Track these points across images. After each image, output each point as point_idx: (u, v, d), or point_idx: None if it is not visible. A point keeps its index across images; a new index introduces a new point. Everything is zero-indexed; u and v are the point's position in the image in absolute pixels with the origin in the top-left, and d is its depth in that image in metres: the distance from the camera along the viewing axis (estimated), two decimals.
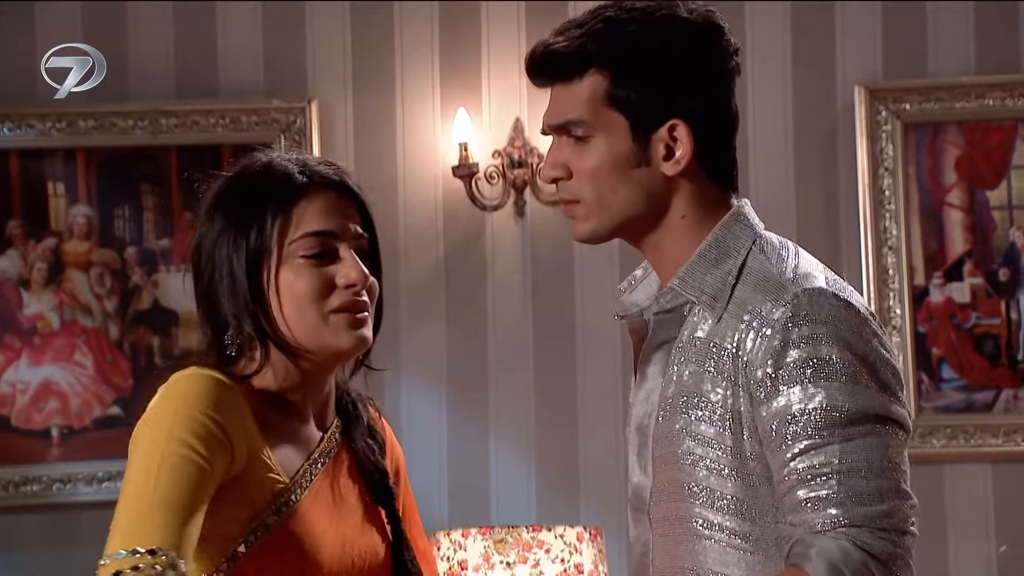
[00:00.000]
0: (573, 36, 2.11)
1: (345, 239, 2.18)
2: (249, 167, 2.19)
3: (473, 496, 4.77)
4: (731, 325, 2.05)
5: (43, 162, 4.76)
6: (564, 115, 2.12)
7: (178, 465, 2.02)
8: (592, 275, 4.77)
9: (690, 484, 2.06)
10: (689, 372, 2.07)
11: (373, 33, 4.83)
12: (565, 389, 4.78)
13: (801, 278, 2.06)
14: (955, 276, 4.78)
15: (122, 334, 4.73)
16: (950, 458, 4.74)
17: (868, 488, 1.97)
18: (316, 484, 2.17)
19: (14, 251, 4.74)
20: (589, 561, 4.11)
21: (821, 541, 1.95)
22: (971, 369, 4.77)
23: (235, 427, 2.08)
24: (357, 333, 2.17)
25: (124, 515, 2.00)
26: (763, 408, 2.01)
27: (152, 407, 2.09)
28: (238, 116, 4.77)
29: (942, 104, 4.77)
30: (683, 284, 2.10)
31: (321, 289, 2.15)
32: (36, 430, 4.72)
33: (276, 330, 2.14)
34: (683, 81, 2.10)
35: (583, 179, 2.11)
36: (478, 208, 4.76)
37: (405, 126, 4.81)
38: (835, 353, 1.99)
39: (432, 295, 4.79)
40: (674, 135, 2.09)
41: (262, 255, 2.14)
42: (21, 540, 4.65)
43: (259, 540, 2.10)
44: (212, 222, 2.16)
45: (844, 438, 1.98)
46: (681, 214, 2.11)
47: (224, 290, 2.14)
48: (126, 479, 2.05)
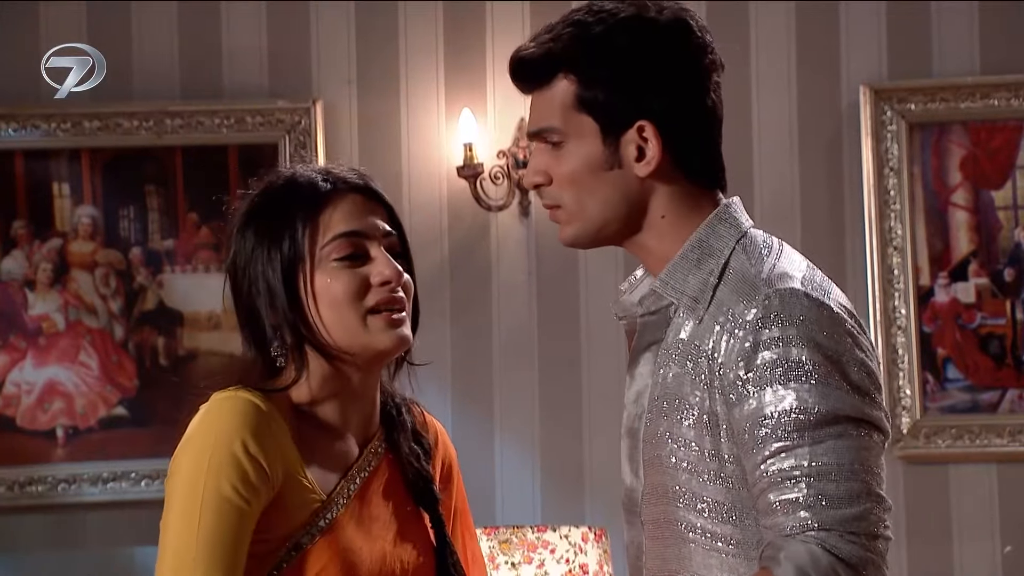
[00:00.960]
0: (542, 41, 2.12)
1: (375, 238, 2.20)
2: (273, 182, 2.22)
3: (478, 496, 4.74)
4: (709, 327, 2.05)
5: (48, 163, 4.77)
6: (538, 122, 2.13)
7: (219, 509, 2.05)
8: (596, 275, 4.77)
9: (674, 487, 2.06)
10: (673, 374, 2.08)
11: (378, 34, 4.83)
12: (570, 389, 4.79)
13: (776, 278, 2.04)
14: (960, 276, 4.78)
15: (127, 334, 4.73)
16: (955, 458, 4.73)
17: (838, 491, 1.95)
18: (353, 500, 2.18)
19: (19, 252, 4.75)
20: (594, 561, 4.12)
21: (790, 545, 1.94)
22: (976, 369, 4.77)
23: (272, 453, 2.10)
24: (397, 332, 2.18)
25: (167, 562, 2.05)
26: (736, 410, 2.00)
27: (191, 433, 2.11)
28: (243, 117, 4.78)
29: (947, 104, 4.77)
30: (664, 286, 2.10)
31: (357, 290, 2.16)
32: (41, 430, 4.72)
33: (317, 336, 2.15)
34: (651, 81, 2.09)
35: (562, 184, 2.12)
36: (483, 208, 4.77)
37: (410, 126, 4.81)
38: (805, 354, 1.98)
39: (437, 295, 4.78)
40: (643, 136, 2.09)
41: (296, 264, 2.16)
42: (26, 540, 4.65)
43: (294, 559, 2.11)
44: (244, 240, 2.19)
45: (814, 440, 1.96)
46: (660, 214, 2.11)
47: (263, 303, 2.16)
48: (167, 515, 2.08)
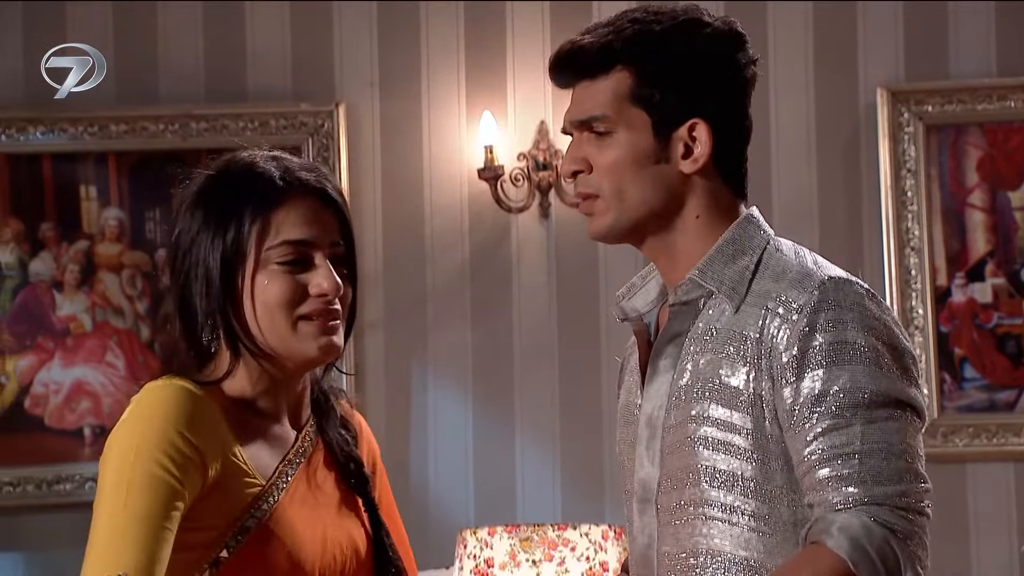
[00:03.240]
0: (601, 34, 2.17)
1: (321, 247, 2.17)
2: (231, 167, 2.19)
3: (499, 495, 4.79)
4: (752, 314, 2.10)
5: (75, 166, 4.80)
6: (588, 111, 2.17)
7: (148, 484, 2.03)
8: (616, 276, 4.77)
9: (706, 468, 2.10)
10: (705, 360, 2.12)
11: (400, 37, 4.85)
12: (589, 389, 4.80)
13: (824, 268, 2.13)
14: (977, 276, 4.79)
15: (153, 335, 4.76)
16: (972, 457, 4.74)
17: (887, 468, 2.01)
18: (293, 484, 2.17)
19: (47, 253, 4.78)
20: (614, 559, 4.11)
21: (842, 518, 2.00)
22: (993, 369, 4.77)
23: (207, 439, 2.09)
24: (327, 340, 2.15)
25: (97, 539, 2.03)
26: (787, 390, 2.06)
27: (123, 420, 2.10)
28: (267, 120, 4.81)
29: (964, 106, 4.78)
30: (702, 275, 2.14)
31: (293, 296, 2.14)
32: (69, 430, 4.76)
33: (247, 333, 2.15)
34: (705, 84, 2.15)
35: (603, 173, 2.16)
36: (503, 210, 4.79)
37: (431, 129, 4.83)
38: (860, 338, 2.05)
39: (458, 296, 4.81)
40: (693, 134, 2.15)
41: (238, 258, 2.14)
42: (54, 538, 4.70)
43: (240, 544, 2.11)
44: (192, 219, 2.17)
45: (866, 420, 2.03)
46: (695, 214, 2.17)
47: (198, 289, 2.15)
48: (98, 497, 2.06)
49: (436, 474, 4.80)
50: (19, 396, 4.75)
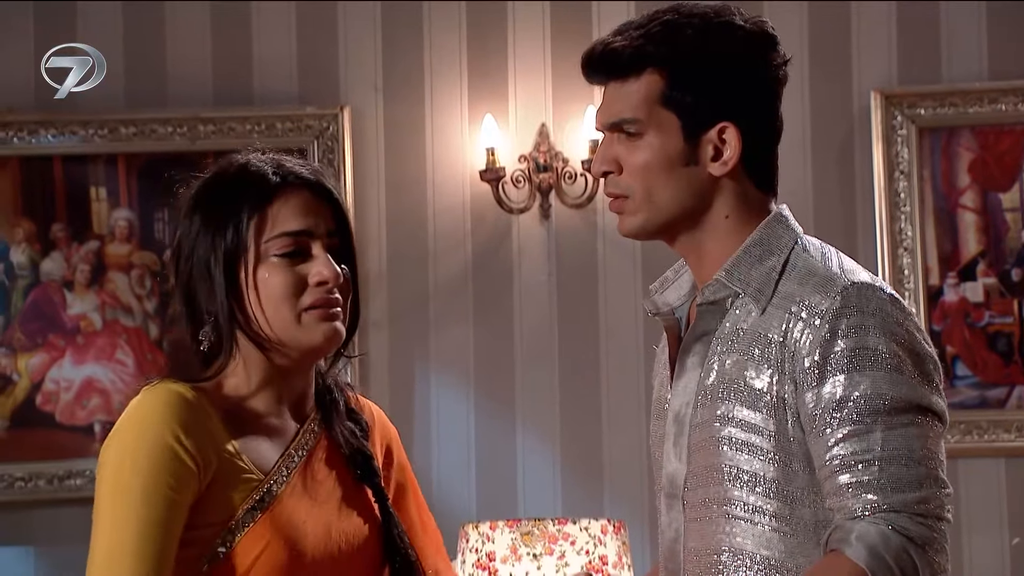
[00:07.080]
0: (632, 36, 2.15)
1: (318, 237, 2.18)
2: (226, 168, 2.21)
3: (501, 490, 4.79)
4: (777, 316, 2.09)
5: (86, 167, 4.81)
6: (618, 114, 2.16)
7: (150, 500, 2.05)
8: (615, 276, 4.80)
9: (730, 468, 2.09)
10: (731, 361, 2.11)
11: (403, 42, 4.86)
12: (589, 386, 4.80)
13: (848, 272, 2.11)
14: (969, 276, 4.78)
15: (162, 333, 4.77)
16: (964, 453, 4.73)
17: (907, 475, 2.00)
18: (294, 477, 2.17)
19: (58, 253, 4.80)
20: (613, 553, 4.08)
21: (860, 526, 1.99)
22: (984, 366, 4.77)
23: (202, 441, 2.10)
24: (329, 326, 2.17)
25: (99, 554, 2.05)
26: (809, 394, 2.05)
27: (120, 425, 2.11)
28: (273, 123, 4.82)
29: (956, 109, 4.77)
30: (729, 276, 2.13)
31: (294, 287, 2.16)
32: (80, 426, 4.77)
33: (252, 326, 2.15)
34: (736, 86, 2.14)
35: (633, 174, 2.15)
36: (505, 211, 4.80)
37: (434, 131, 4.84)
38: (882, 344, 2.03)
39: (460, 296, 4.82)
40: (723, 137, 2.14)
41: (239, 254, 2.16)
42: (66, 533, 4.70)
43: (240, 538, 2.11)
44: (191, 223, 2.20)
45: (887, 426, 2.01)
46: (724, 214, 2.16)
47: (202, 288, 2.17)
48: (98, 506, 2.08)
49: (439, 469, 4.80)
50: (31, 393, 4.77)
